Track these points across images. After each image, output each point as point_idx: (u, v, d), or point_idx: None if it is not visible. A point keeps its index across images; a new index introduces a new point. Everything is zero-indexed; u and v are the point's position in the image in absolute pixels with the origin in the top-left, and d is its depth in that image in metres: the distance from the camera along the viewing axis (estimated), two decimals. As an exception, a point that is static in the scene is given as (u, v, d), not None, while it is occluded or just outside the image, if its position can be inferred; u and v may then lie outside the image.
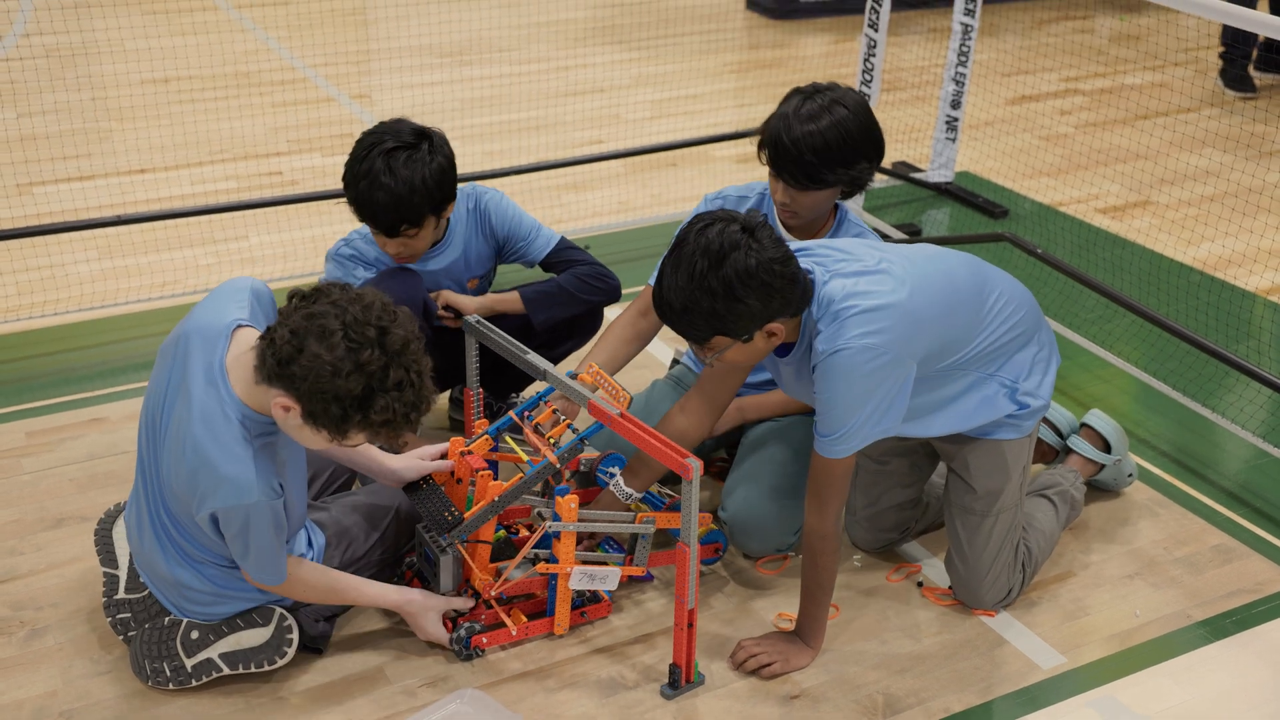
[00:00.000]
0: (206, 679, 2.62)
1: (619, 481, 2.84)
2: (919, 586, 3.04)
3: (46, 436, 3.56)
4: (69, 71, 6.57)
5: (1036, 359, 2.78)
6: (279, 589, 2.57)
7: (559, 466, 2.73)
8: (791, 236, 3.02)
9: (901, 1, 7.96)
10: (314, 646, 2.74)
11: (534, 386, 3.59)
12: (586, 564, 2.76)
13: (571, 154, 5.63)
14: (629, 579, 2.96)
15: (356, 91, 6.68)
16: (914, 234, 4.97)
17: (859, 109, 2.86)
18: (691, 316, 2.44)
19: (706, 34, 7.77)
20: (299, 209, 5.01)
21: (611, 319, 3.24)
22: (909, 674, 2.77)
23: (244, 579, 2.57)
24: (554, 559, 2.72)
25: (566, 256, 3.38)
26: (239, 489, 2.36)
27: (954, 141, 5.34)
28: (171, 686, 2.62)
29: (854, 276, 2.52)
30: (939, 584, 3.04)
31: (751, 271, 2.39)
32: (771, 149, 2.88)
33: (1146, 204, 5.41)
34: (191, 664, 2.61)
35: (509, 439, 2.93)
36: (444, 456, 2.90)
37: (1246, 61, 6.74)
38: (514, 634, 2.78)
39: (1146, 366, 4.05)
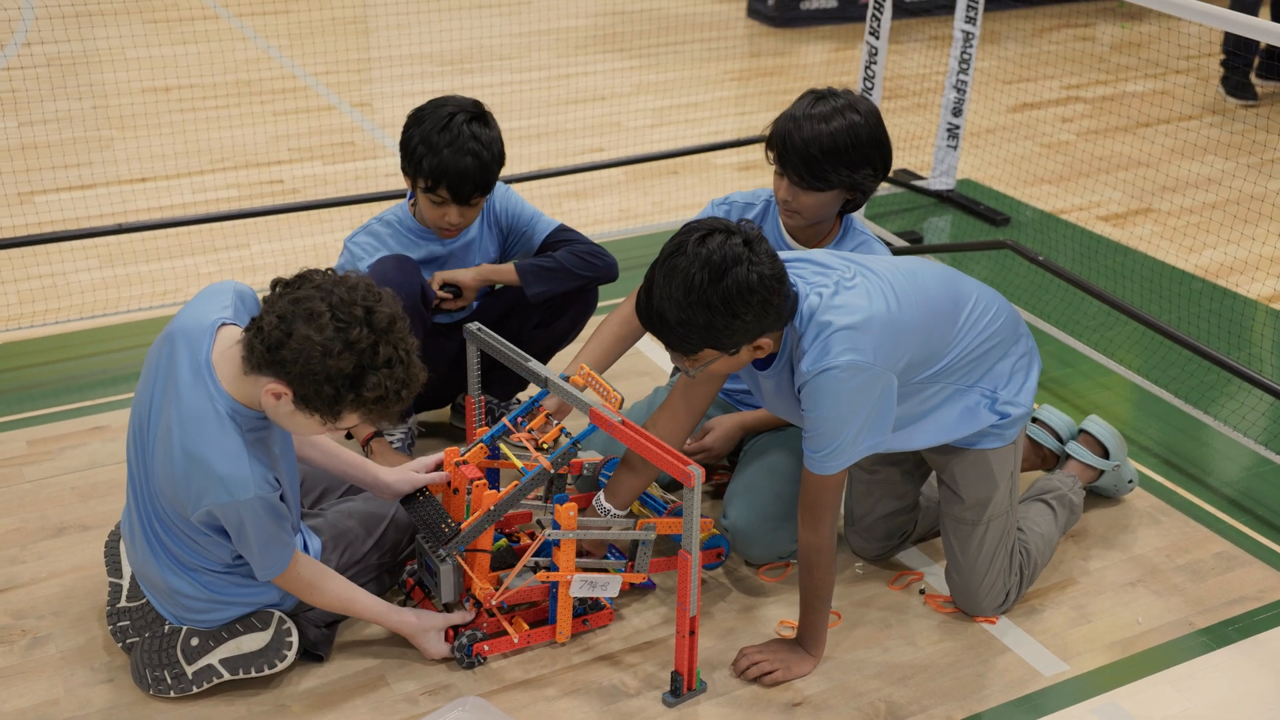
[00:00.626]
0: (207, 685, 2.62)
1: (599, 499, 2.82)
2: (921, 594, 3.04)
3: (48, 445, 3.55)
4: (70, 80, 6.57)
5: (1016, 367, 2.78)
6: (284, 580, 2.54)
7: (553, 472, 2.73)
8: (795, 241, 3.02)
9: (902, 9, 7.98)
10: (315, 653, 2.74)
11: (533, 388, 3.58)
12: (587, 571, 2.76)
13: (572, 162, 5.64)
14: (630, 586, 2.95)
15: (357, 100, 6.68)
16: (915, 242, 4.97)
17: (871, 116, 2.86)
18: (686, 330, 2.39)
19: (707, 42, 7.78)
20: (300, 217, 5.02)
21: (603, 316, 3.22)
22: (911, 682, 2.77)
23: (240, 585, 2.57)
24: (554, 567, 2.72)
25: (564, 237, 3.39)
26: (233, 485, 2.35)
27: (955, 149, 5.34)
28: (173, 694, 2.62)
29: (831, 288, 2.50)
30: (941, 591, 3.03)
31: (753, 287, 2.36)
32: (780, 144, 2.87)
33: (1148, 211, 5.41)
34: (192, 671, 2.60)
35: (504, 446, 2.92)
36: (438, 468, 2.90)
37: (1248, 69, 6.74)
38: (516, 642, 2.78)
39: (1148, 374, 4.05)
